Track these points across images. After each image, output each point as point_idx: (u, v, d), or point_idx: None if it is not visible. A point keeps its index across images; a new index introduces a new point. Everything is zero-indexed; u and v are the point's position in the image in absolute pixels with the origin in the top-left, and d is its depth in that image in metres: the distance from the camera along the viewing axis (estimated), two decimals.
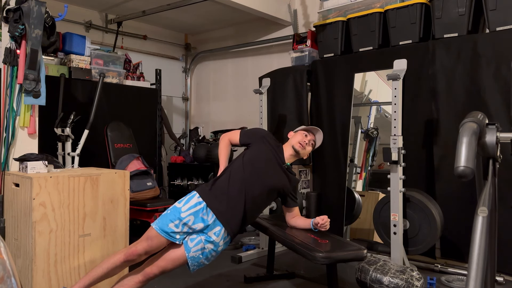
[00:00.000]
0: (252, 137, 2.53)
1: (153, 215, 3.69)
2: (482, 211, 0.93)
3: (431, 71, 3.34)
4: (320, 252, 2.15)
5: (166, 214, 2.26)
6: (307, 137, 2.56)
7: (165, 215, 2.25)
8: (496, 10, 3.06)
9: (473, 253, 0.90)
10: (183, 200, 2.29)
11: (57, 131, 3.62)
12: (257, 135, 2.54)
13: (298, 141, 2.52)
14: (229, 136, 2.59)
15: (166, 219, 2.22)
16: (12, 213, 2.64)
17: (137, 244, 2.23)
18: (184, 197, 2.32)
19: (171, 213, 2.24)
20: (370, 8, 3.73)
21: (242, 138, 2.54)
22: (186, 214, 2.21)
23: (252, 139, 2.52)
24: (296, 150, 2.51)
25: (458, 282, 2.93)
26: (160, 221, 2.24)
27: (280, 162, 2.47)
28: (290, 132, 2.67)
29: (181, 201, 2.29)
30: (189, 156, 4.97)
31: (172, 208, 2.27)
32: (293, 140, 2.55)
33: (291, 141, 2.56)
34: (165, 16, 4.97)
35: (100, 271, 2.24)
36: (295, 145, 2.51)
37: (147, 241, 2.21)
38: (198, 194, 2.28)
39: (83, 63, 4.05)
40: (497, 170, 1.07)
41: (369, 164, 3.78)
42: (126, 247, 2.34)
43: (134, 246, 2.24)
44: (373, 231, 3.42)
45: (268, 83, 3.87)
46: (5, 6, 2.78)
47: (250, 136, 2.54)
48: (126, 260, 2.23)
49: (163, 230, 2.19)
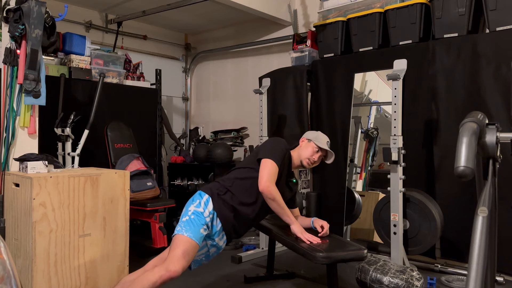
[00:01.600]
0: (282, 160, 2.37)
1: (153, 215, 3.69)
2: (482, 211, 0.94)
3: (431, 71, 3.34)
4: (320, 252, 2.15)
5: (192, 220, 2.19)
6: (318, 153, 2.51)
7: (192, 222, 2.18)
8: (496, 10, 3.06)
9: (473, 253, 0.90)
10: (201, 205, 2.26)
11: (57, 131, 3.62)
12: (283, 158, 2.38)
13: (307, 158, 2.49)
14: (273, 180, 2.29)
15: (197, 227, 2.18)
16: (12, 213, 2.64)
17: (173, 264, 2.06)
18: (200, 200, 2.28)
19: (197, 218, 2.20)
20: (370, 8, 3.73)
21: (279, 166, 2.34)
22: (209, 218, 2.23)
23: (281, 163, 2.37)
24: (304, 166, 2.53)
25: (458, 282, 2.93)
26: (191, 230, 2.16)
27: (289, 182, 2.49)
28: (304, 139, 2.59)
29: (199, 205, 2.26)
30: (189, 156, 4.97)
31: (194, 212, 2.22)
32: (305, 154, 2.50)
33: (302, 154, 2.51)
34: (165, 16, 4.97)
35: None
36: (304, 161, 2.50)
37: (186, 258, 2.10)
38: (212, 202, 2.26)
39: (83, 63, 4.05)
40: (497, 170, 1.07)
41: (369, 164, 3.78)
42: (155, 269, 2.10)
43: (172, 268, 2.05)
44: (373, 231, 3.42)
45: (268, 83, 3.87)
46: (5, 6, 2.78)
47: (280, 162, 2.35)
48: (164, 283, 2.07)
49: (198, 239, 2.17)
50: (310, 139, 2.54)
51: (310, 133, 2.62)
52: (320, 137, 2.55)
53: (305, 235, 2.32)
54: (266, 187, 2.23)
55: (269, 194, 2.24)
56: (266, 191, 2.24)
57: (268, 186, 2.23)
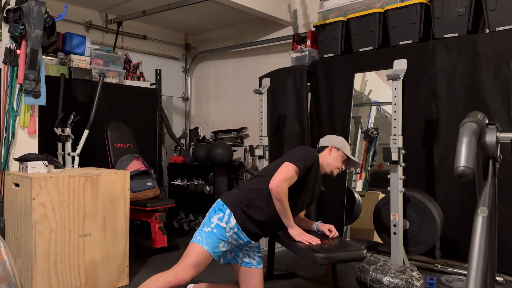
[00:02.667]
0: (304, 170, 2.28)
1: (153, 215, 3.69)
2: (482, 211, 0.94)
3: (431, 71, 3.34)
4: (319, 252, 2.15)
5: (213, 234, 2.19)
6: (345, 162, 2.52)
7: (214, 235, 2.19)
8: (496, 10, 3.06)
9: (473, 253, 0.90)
10: (223, 219, 2.23)
11: (57, 131, 3.62)
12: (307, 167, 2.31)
13: (337, 168, 2.48)
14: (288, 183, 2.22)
15: (216, 242, 2.19)
16: (12, 213, 2.64)
17: (182, 272, 2.11)
18: (223, 214, 2.25)
19: (218, 233, 2.21)
20: (370, 8, 3.73)
21: (299, 174, 2.27)
22: (230, 233, 2.24)
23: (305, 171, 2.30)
24: (332, 175, 2.50)
25: (458, 282, 2.93)
26: (210, 244, 2.18)
27: (315, 187, 2.46)
28: (332, 147, 2.49)
29: (222, 219, 2.23)
30: (189, 156, 4.96)
31: (216, 226, 2.22)
32: (335, 164, 2.46)
33: (332, 163, 2.46)
34: (165, 16, 4.97)
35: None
36: (334, 171, 2.48)
37: (196, 269, 2.14)
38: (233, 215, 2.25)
39: (83, 63, 4.05)
40: (497, 170, 1.07)
41: (369, 164, 3.78)
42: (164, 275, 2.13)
43: (181, 276, 2.09)
44: (373, 231, 3.42)
45: (268, 83, 3.87)
46: (5, 6, 2.78)
47: (303, 170, 2.27)
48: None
49: (214, 253, 2.18)
50: (339, 148, 2.49)
51: (337, 141, 2.54)
52: (347, 146, 2.54)
53: (303, 237, 2.30)
54: (276, 187, 2.17)
55: (276, 194, 2.19)
56: (275, 190, 2.18)
57: (279, 186, 2.17)
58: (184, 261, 2.16)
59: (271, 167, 2.37)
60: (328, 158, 2.48)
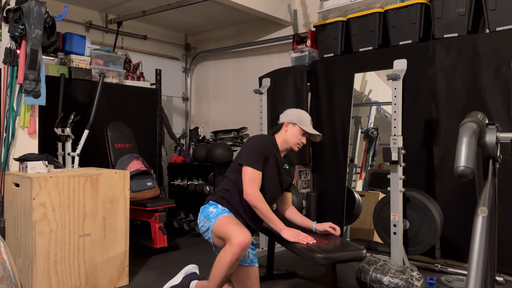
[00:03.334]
0: (262, 161, 2.34)
1: (153, 215, 3.69)
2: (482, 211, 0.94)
3: (431, 71, 3.34)
4: (319, 252, 2.15)
5: (217, 213, 2.30)
6: (305, 136, 2.48)
7: (218, 213, 2.30)
8: (496, 10, 3.06)
9: (473, 253, 0.90)
10: (219, 207, 2.35)
11: (57, 131, 3.62)
12: (263, 156, 2.34)
13: (296, 143, 2.46)
14: (256, 186, 2.29)
15: (220, 212, 2.31)
16: (12, 213, 2.64)
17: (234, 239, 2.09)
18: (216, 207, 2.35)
19: (222, 211, 2.32)
20: (370, 8, 3.73)
21: (259, 169, 2.32)
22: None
23: (263, 164, 2.34)
24: (294, 150, 2.49)
25: (458, 282, 2.93)
26: (219, 214, 2.29)
27: (281, 170, 2.47)
28: (288, 123, 2.47)
29: (217, 207, 2.35)
30: (189, 156, 4.96)
31: (217, 211, 2.32)
32: (292, 140, 2.45)
33: (289, 140, 2.45)
34: (165, 16, 4.97)
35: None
36: (294, 147, 2.46)
37: (237, 226, 2.17)
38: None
39: (83, 63, 4.05)
40: (497, 170, 1.07)
41: (369, 164, 3.78)
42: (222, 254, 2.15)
43: (235, 241, 2.07)
44: (373, 231, 3.42)
45: (268, 83, 3.87)
46: (5, 6, 2.78)
47: (261, 162, 2.33)
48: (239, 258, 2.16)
49: (228, 212, 2.32)
50: (295, 123, 2.45)
51: (293, 115, 2.49)
52: (304, 119, 2.46)
53: (299, 237, 2.29)
54: (248, 196, 2.27)
55: (251, 203, 2.28)
56: (249, 200, 2.27)
57: (249, 195, 2.26)
58: (225, 236, 2.15)
59: (232, 167, 2.45)
60: (285, 135, 2.45)
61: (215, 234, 2.25)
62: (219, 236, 2.22)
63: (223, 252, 2.12)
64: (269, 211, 2.29)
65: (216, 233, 2.23)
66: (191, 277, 2.58)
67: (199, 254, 3.74)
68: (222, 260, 2.10)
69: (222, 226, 2.19)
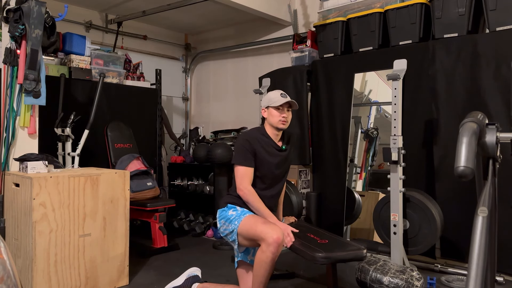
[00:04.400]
0: (251, 156, 2.39)
1: (153, 215, 3.69)
2: (482, 211, 0.94)
3: (431, 71, 3.34)
4: (319, 252, 2.15)
5: (238, 214, 2.36)
6: (283, 111, 2.42)
7: (239, 214, 2.36)
8: (496, 10, 3.06)
9: (473, 253, 0.90)
10: (237, 210, 2.43)
11: (57, 131, 3.62)
12: (250, 151, 2.40)
13: (278, 121, 2.42)
14: (247, 181, 2.38)
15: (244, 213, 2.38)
16: (12, 213, 2.64)
17: (268, 237, 2.15)
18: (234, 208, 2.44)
19: (241, 213, 2.38)
20: (370, 8, 3.73)
21: (249, 165, 2.39)
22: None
23: (252, 158, 2.40)
24: (281, 129, 2.46)
25: (458, 282, 2.93)
26: (241, 215, 2.34)
27: (276, 154, 2.47)
28: (263, 109, 2.50)
29: (236, 209, 2.43)
30: (189, 156, 4.96)
31: (236, 213, 2.39)
32: (273, 121, 2.43)
33: (271, 121, 2.44)
34: (165, 16, 4.97)
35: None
36: (278, 125, 2.43)
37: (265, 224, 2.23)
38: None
39: (83, 63, 4.05)
40: (497, 170, 1.07)
41: (369, 164, 3.78)
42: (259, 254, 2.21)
43: (270, 240, 2.14)
44: (373, 231, 3.42)
45: (268, 83, 3.87)
46: (5, 6, 2.78)
47: (250, 158, 2.39)
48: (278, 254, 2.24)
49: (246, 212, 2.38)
50: (267, 106, 2.46)
51: (263, 101, 2.52)
52: (272, 97, 2.45)
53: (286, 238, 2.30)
54: (239, 191, 2.38)
55: (243, 197, 2.38)
56: (240, 195, 2.39)
57: (241, 190, 2.37)
58: (257, 236, 2.20)
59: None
60: (267, 121, 2.48)
61: (243, 236, 2.29)
62: (248, 237, 2.27)
63: (261, 254, 2.18)
64: (260, 205, 2.36)
65: (244, 235, 2.28)
66: (193, 280, 2.58)
67: (199, 254, 3.74)
68: (264, 261, 2.17)
69: (250, 228, 2.23)
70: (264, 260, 2.17)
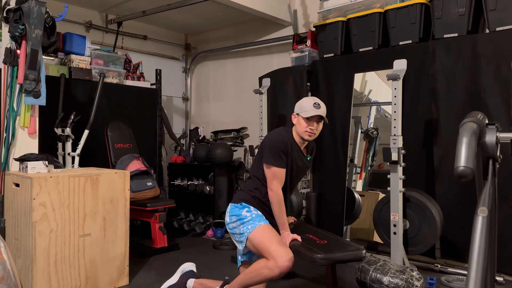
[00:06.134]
0: (285, 158, 2.36)
1: (153, 215, 3.69)
2: (482, 211, 0.93)
3: (431, 71, 3.34)
4: (318, 253, 2.15)
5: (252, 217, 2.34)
6: (311, 122, 2.37)
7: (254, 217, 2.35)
8: (496, 10, 3.06)
9: (473, 253, 0.90)
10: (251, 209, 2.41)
11: (57, 131, 3.62)
12: (285, 153, 2.36)
13: (305, 131, 2.38)
14: (279, 182, 2.35)
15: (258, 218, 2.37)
16: (12, 213, 2.64)
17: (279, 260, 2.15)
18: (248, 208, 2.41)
19: (256, 215, 2.37)
20: (370, 8, 3.73)
21: (283, 166, 2.36)
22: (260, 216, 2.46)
23: (285, 160, 2.37)
24: (306, 140, 2.43)
25: (458, 282, 2.93)
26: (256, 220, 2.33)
27: (303, 161, 2.49)
28: (293, 115, 2.45)
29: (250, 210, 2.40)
30: (189, 156, 4.97)
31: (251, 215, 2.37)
32: (301, 130, 2.39)
33: (298, 130, 2.40)
34: (165, 16, 4.97)
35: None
36: (304, 136, 2.39)
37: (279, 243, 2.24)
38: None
39: (83, 63, 4.05)
40: (497, 170, 1.07)
41: (369, 164, 3.78)
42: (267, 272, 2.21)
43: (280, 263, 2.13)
44: (373, 231, 3.42)
45: (268, 83, 3.86)
46: (5, 6, 2.78)
47: (283, 160, 2.35)
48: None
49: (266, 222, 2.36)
50: (297, 113, 2.41)
51: (296, 106, 2.47)
52: (303, 105, 2.40)
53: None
54: (270, 191, 2.35)
55: (271, 198, 2.34)
56: (269, 195, 2.35)
57: (272, 190, 2.33)
58: (269, 253, 2.17)
59: (255, 166, 2.47)
60: (295, 127, 2.44)
61: (253, 244, 2.27)
62: (257, 248, 2.25)
63: (266, 270, 2.15)
64: (283, 210, 2.36)
65: (255, 244, 2.25)
66: (188, 276, 2.59)
67: (199, 254, 3.74)
68: (262, 274, 2.16)
69: (264, 241, 2.20)
70: (263, 274, 2.15)
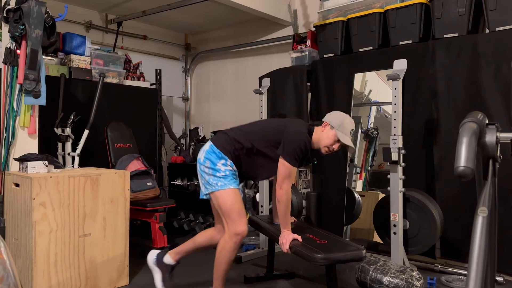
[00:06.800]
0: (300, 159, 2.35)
1: (153, 215, 3.69)
2: (482, 211, 0.94)
3: (431, 71, 3.34)
4: (318, 253, 2.15)
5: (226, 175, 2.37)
6: (338, 143, 2.37)
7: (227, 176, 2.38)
8: (496, 10, 3.06)
9: (473, 253, 0.90)
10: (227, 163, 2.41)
11: (57, 131, 3.62)
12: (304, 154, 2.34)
13: (326, 146, 2.37)
14: (290, 182, 2.33)
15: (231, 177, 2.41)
16: (12, 213, 2.64)
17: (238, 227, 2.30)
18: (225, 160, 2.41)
19: (229, 173, 2.40)
20: (370, 8, 3.73)
21: (297, 166, 2.35)
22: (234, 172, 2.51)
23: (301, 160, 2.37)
24: (321, 152, 2.43)
25: (458, 282, 2.93)
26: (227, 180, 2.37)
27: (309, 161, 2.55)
28: (327, 123, 2.38)
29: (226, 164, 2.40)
30: (189, 156, 4.96)
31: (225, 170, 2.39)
32: (324, 142, 2.37)
33: (322, 141, 2.38)
34: (165, 16, 4.97)
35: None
36: (322, 149, 2.39)
37: (242, 212, 2.34)
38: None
39: (83, 63, 4.05)
40: (497, 170, 1.07)
41: (369, 164, 3.78)
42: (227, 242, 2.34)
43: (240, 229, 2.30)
44: (373, 231, 3.41)
45: (268, 83, 3.86)
46: (5, 6, 2.78)
47: (299, 160, 2.35)
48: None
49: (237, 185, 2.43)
50: (334, 127, 2.35)
51: (336, 118, 2.39)
52: (345, 126, 2.35)
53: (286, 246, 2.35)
54: (281, 189, 2.33)
55: (281, 197, 2.34)
56: (279, 193, 2.33)
57: (283, 189, 2.32)
58: (229, 217, 2.27)
59: (268, 130, 2.41)
60: (320, 134, 2.39)
61: (217, 201, 2.33)
62: (220, 207, 2.32)
63: (224, 243, 2.27)
64: (288, 208, 2.38)
65: (219, 203, 2.32)
66: (159, 257, 2.63)
67: (199, 253, 3.73)
68: (226, 248, 2.27)
69: (229, 204, 2.28)
70: (227, 249, 2.27)
